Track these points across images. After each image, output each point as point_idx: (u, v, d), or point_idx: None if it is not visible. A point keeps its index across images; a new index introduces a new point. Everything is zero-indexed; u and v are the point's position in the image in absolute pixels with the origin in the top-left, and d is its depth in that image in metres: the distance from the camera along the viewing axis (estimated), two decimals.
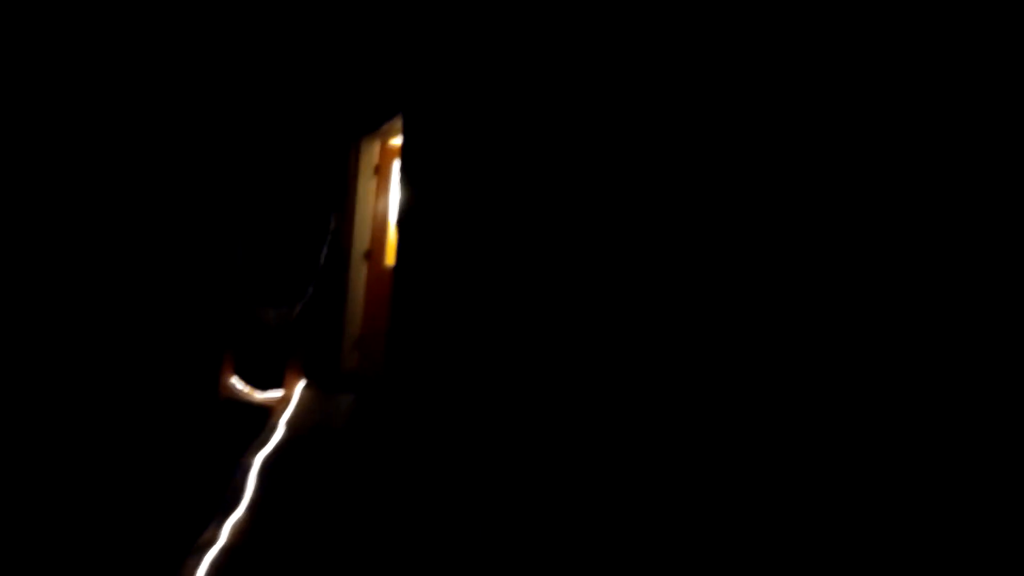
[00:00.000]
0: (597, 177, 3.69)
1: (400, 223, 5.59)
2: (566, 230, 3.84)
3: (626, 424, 3.31)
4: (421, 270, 5.27)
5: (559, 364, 3.72)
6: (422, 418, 4.66)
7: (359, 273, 6.93)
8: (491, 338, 4.31)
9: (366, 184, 6.94)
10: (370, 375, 6.49)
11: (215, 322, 5.35)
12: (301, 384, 5.70)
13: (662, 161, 3.35)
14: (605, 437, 3.37)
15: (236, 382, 5.82)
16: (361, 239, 6.92)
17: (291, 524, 4.21)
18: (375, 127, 6.85)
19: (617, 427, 3.34)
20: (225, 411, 5.59)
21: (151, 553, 3.85)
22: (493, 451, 3.91)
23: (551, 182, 4.00)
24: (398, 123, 6.34)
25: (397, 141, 6.96)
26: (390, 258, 6.96)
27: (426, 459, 4.34)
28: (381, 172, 7.03)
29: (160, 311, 5.09)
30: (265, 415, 5.40)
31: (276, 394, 5.69)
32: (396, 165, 7.01)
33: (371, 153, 6.99)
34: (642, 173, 3.45)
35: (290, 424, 5.18)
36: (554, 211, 3.95)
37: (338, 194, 6.32)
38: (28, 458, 4.22)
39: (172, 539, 4.07)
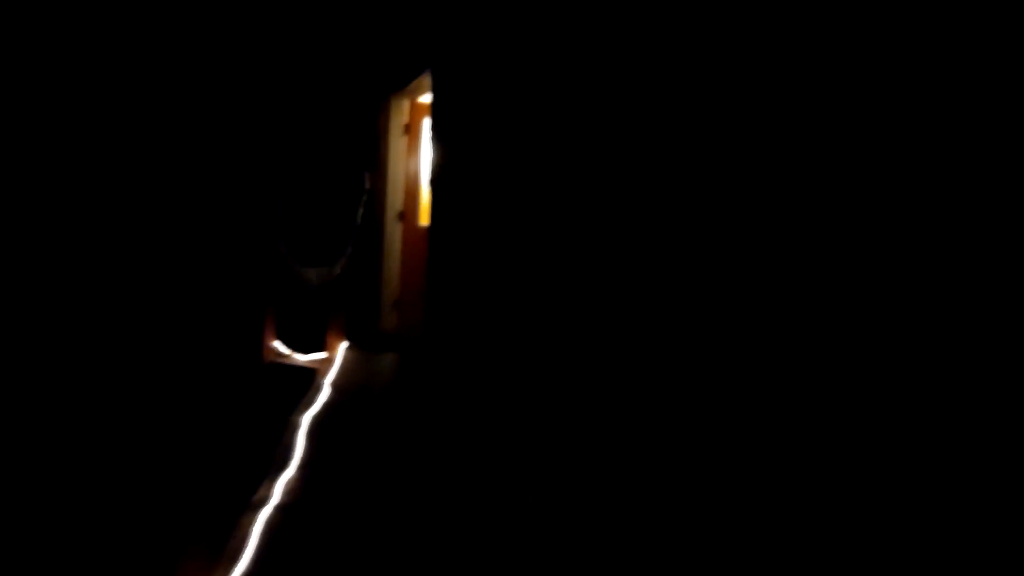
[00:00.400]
0: (637, 132, 3.60)
1: (433, 183, 5.52)
2: (604, 184, 3.76)
3: (658, 390, 3.27)
4: (456, 230, 5.21)
5: (600, 319, 3.67)
6: (463, 378, 4.64)
7: (394, 234, 6.89)
8: (528, 297, 4.26)
9: (397, 143, 6.87)
10: (409, 335, 6.48)
11: (257, 285, 5.35)
12: (343, 345, 5.70)
13: (708, 116, 3.25)
14: (648, 402, 3.33)
15: (279, 345, 5.83)
16: (394, 200, 6.88)
17: (341, 483, 4.22)
18: (403, 84, 6.76)
19: (655, 393, 3.29)
20: (270, 374, 5.61)
21: (208, 511, 3.88)
22: (534, 411, 3.88)
23: (586, 137, 3.92)
24: (427, 80, 6.26)
25: (426, 98, 6.88)
26: (424, 218, 6.91)
27: (469, 418, 4.32)
28: (411, 131, 6.96)
29: (203, 276, 5.08)
30: (309, 377, 5.41)
31: (319, 356, 5.70)
32: (426, 123, 6.94)
33: (401, 111, 6.92)
34: (682, 128, 3.36)
35: (335, 385, 5.19)
36: (591, 166, 3.87)
37: (370, 153, 6.27)
38: (88, 423, 4.26)
39: (227, 497, 4.10)
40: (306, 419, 4.73)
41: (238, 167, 4.78)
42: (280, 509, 4.02)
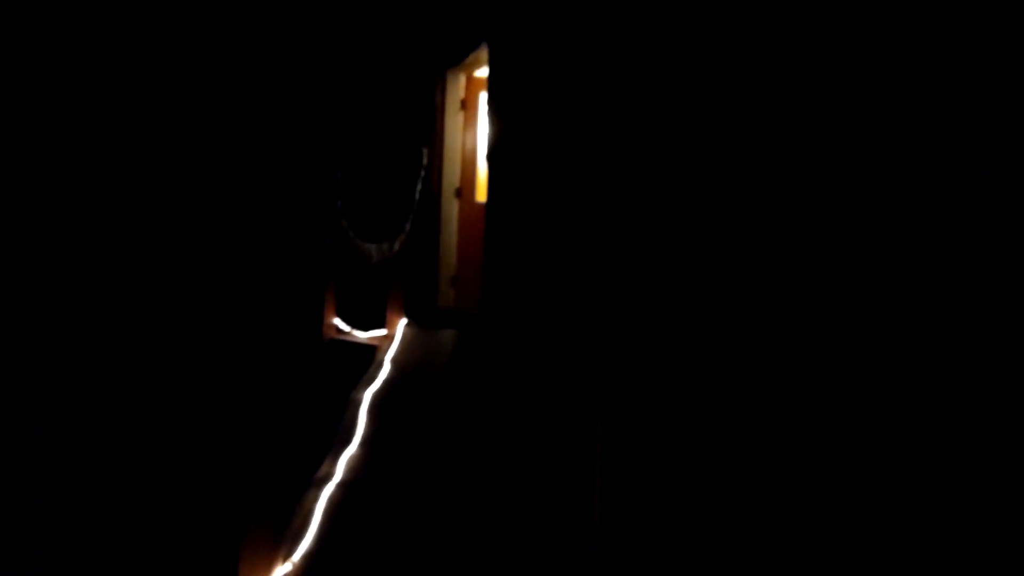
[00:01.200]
0: (698, 106, 3.46)
1: (490, 158, 5.42)
2: (666, 155, 3.62)
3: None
4: (513, 207, 5.11)
5: (664, 290, 3.53)
6: (521, 357, 4.55)
7: (451, 210, 6.81)
8: (587, 278, 4.15)
9: (453, 119, 6.77)
10: (467, 312, 6.41)
11: (317, 262, 5.30)
12: (403, 322, 5.65)
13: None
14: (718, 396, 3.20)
15: (339, 322, 5.80)
16: (451, 176, 6.79)
17: (403, 461, 4.17)
18: (460, 59, 6.65)
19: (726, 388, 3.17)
20: (331, 352, 5.59)
21: (271, 489, 3.86)
22: (594, 393, 3.76)
23: (649, 107, 3.77)
24: (483, 53, 6.14)
25: (483, 72, 6.77)
26: (481, 195, 6.82)
27: (527, 398, 4.23)
28: (468, 106, 6.85)
29: (265, 252, 5.05)
30: (370, 354, 5.37)
31: (379, 333, 5.65)
32: (483, 98, 6.83)
33: (457, 86, 6.81)
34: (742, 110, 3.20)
35: (395, 362, 5.14)
36: (656, 138, 3.73)
37: (427, 129, 6.18)
38: (155, 402, 4.27)
39: (290, 475, 4.08)
40: (367, 396, 4.69)
41: (300, 142, 4.71)
42: (343, 486, 3.98)
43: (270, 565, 3.40)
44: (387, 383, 4.87)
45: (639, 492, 3.42)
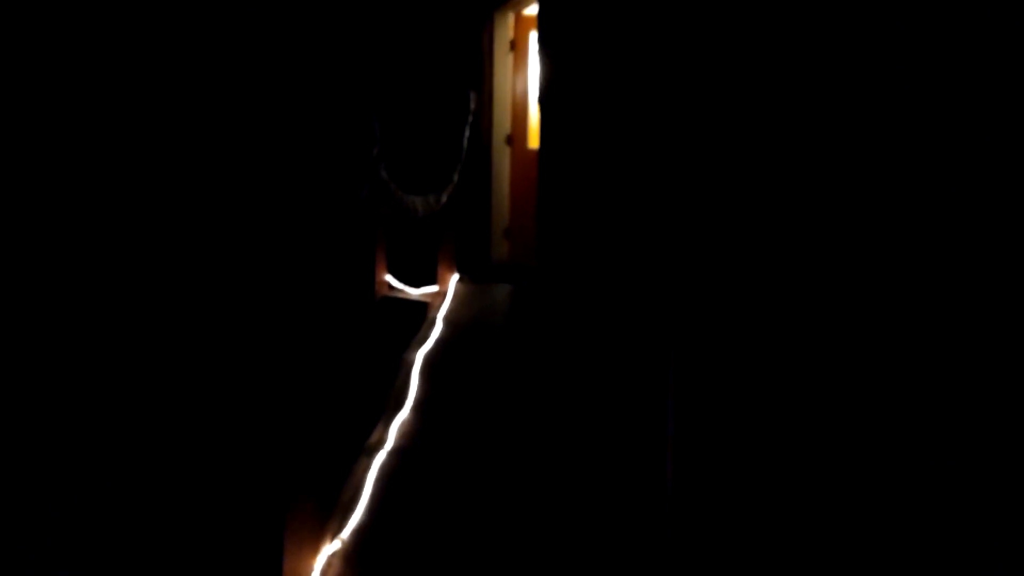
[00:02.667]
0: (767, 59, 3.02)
1: (542, 102, 4.99)
2: (735, 97, 3.18)
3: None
4: (569, 153, 4.71)
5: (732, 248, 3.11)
6: (579, 313, 4.18)
7: (502, 158, 6.42)
8: (653, 224, 3.74)
9: (502, 61, 6.34)
10: (522, 264, 6.06)
11: (367, 216, 4.94)
12: (455, 278, 5.31)
13: None
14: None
15: (390, 279, 5.48)
16: (501, 122, 6.38)
17: (458, 425, 3.85)
18: None
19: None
20: (382, 309, 5.28)
21: (320, 457, 3.58)
22: (661, 346, 3.37)
23: (714, 44, 3.32)
24: None
25: (532, 10, 6.31)
26: (533, 141, 6.42)
27: (590, 354, 3.86)
28: (517, 47, 6.40)
29: (314, 208, 4.69)
30: (421, 311, 5.04)
31: (431, 289, 5.32)
32: (533, 38, 6.39)
33: (505, 27, 6.37)
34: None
35: (447, 320, 4.81)
36: (720, 71, 3.29)
37: (474, 73, 5.74)
38: (205, 362, 3.99)
39: (340, 441, 3.80)
40: (419, 356, 4.37)
41: (330, 85, 4.32)
42: (395, 454, 3.68)
43: (318, 543, 3.13)
44: (440, 342, 4.54)
45: (715, 455, 3.05)
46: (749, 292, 3.04)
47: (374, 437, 3.79)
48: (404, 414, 3.94)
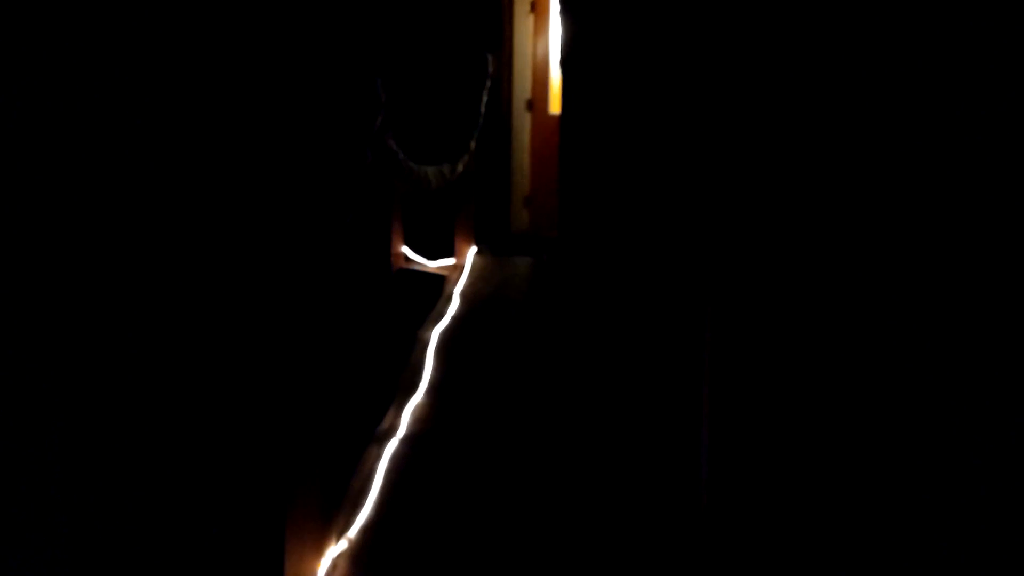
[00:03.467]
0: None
1: (564, 64, 4.59)
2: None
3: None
4: (593, 118, 4.33)
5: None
6: (607, 285, 3.82)
7: (522, 124, 6.04)
8: (686, 192, 3.39)
9: (522, 23, 5.93)
10: (543, 235, 5.70)
11: (383, 184, 4.55)
12: (472, 250, 4.95)
13: None
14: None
15: (407, 251, 5.14)
16: (521, 86, 5.99)
17: (473, 411, 3.53)
18: None
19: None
20: (398, 283, 4.95)
21: (326, 446, 3.26)
22: (696, 321, 3.01)
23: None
24: None
25: None
26: (555, 106, 6.03)
27: (617, 330, 3.51)
28: (538, 8, 5.98)
29: (329, 176, 4.30)
30: (438, 285, 4.71)
31: (448, 262, 4.98)
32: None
33: None
34: None
35: (465, 295, 4.46)
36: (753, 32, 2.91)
37: (492, 35, 5.32)
38: (209, 341, 3.65)
39: (350, 427, 3.48)
40: (435, 335, 4.04)
41: (341, 49, 3.90)
42: (408, 441, 3.36)
43: (322, 543, 2.82)
44: (456, 319, 4.20)
45: (754, 437, 2.71)
46: (796, 264, 2.69)
47: (386, 423, 3.47)
48: (418, 397, 3.61)
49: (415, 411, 3.52)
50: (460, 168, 4.48)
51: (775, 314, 2.71)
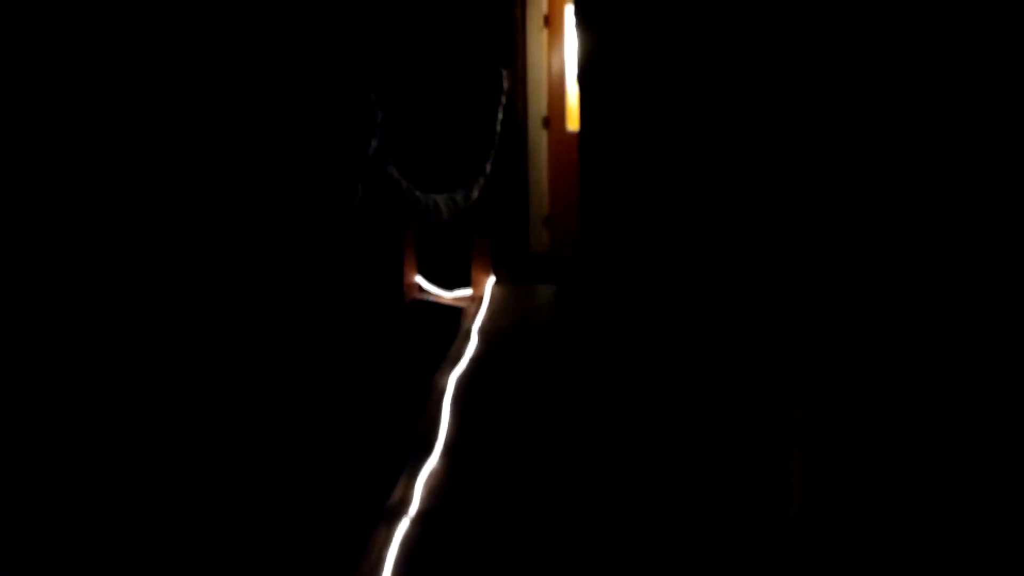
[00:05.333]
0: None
1: (582, 80, 3.90)
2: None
3: None
4: (614, 135, 3.65)
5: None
6: (646, 315, 3.10)
7: (539, 142, 5.32)
8: (709, 213, 2.72)
9: (536, 38, 5.20)
10: (565, 256, 4.99)
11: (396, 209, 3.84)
12: (491, 280, 4.23)
13: None
14: None
15: (421, 280, 4.44)
16: (537, 103, 5.26)
17: (497, 479, 2.81)
18: None
19: None
20: (411, 315, 4.25)
21: (334, 517, 2.57)
22: (775, 353, 2.34)
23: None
24: None
25: None
26: (572, 123, 5.31)
27: (665, 371, 2.79)
28: (552, 22, 5.25)
29: (338, 201, 3.60)
30: (455, 319, 4.00)
31: (465, 293, 4.27)
32: (568, 13, 5.24)
33: (538, 1, 5.22)
34: None
35: (484, 331, 3.75)
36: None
37: (505, 51, 4.60)
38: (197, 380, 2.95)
39: (357, 495, 2.79)
40: (451, 381, 3.33)
41: (334, 66, 3.19)
42: (422, 519, 2.65)
43: None
44: (475, 362, 3.49)
45: (861, 490, 2.03)
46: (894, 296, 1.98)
47: (396, 494, 2.76)
48: (433, 462, 2.90)
49: (430, 479, 2.81)
50: (475, 194, 3.75)
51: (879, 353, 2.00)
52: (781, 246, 2.40)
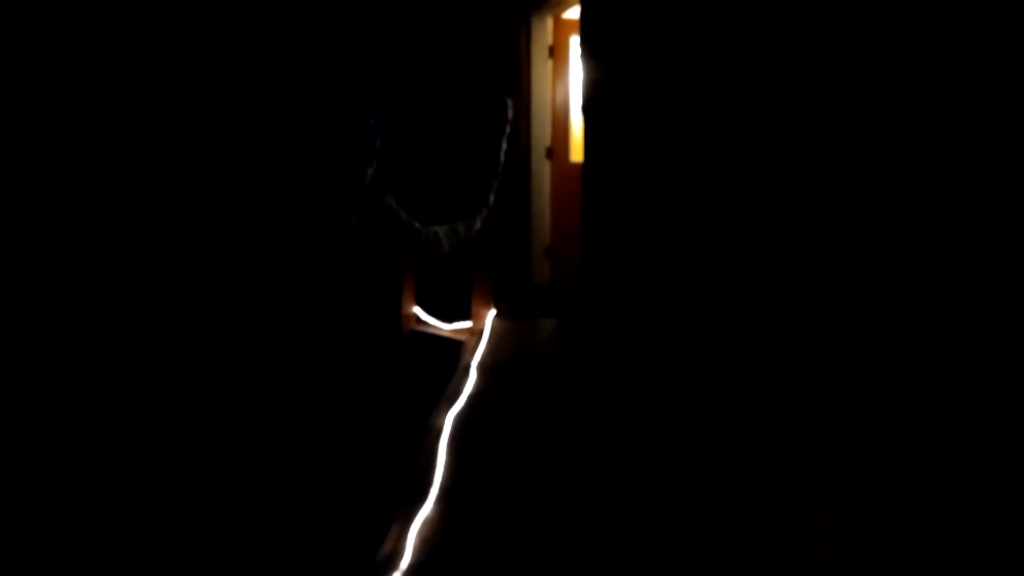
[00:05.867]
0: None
1: (587, 111, 3.74)
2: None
3: None
4: (618, 165, 3.51)
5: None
6: (641, 353, 2.91)
7: (542, 173, 5.14)
8: (715, 244, 2.60)
9: (540, 68, 5.04)
10: (566, 288, 4.78)
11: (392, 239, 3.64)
12: (491, 314, 4.02)
13: None
14: None
15: (419, 311, 4.23)
16: (540, 133, 5.09)
17: (495, 527, 2.58)
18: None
19: None
20: (409, 348, 4.03)
21: (320, 572, 2.33)
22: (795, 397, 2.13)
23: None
24: None
25: (573, 14, 5.01)
26: (576, 154, 5.14)
27: (657, 418, 2.58)
28: (557, 53, 5.10)
29: (334, 227, 3.39)
30: (453, 353, 3.79)
31: (464, 325, 4.06)
32: (574, 43, 5.09)
33: (543, 31, 5.07)
34: None
35: (483, 367, 3.54)
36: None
37: (509, 81, 4.43)
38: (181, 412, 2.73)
39: (346, 546, 2.56)
40: (448, 421, 3.11)
41: (335, 94, 3.02)
42: (412, 572, 2.41)
43: None
44: (474, 400, 3.27)
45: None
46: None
47: (387, 545, 2.53)
48: (428, 508, 2.67)
49: (423, 528, 2.58)
50: (478, 225, 3.56)
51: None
52: (801, 286, 2.21)
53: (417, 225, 2.94)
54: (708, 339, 2.56)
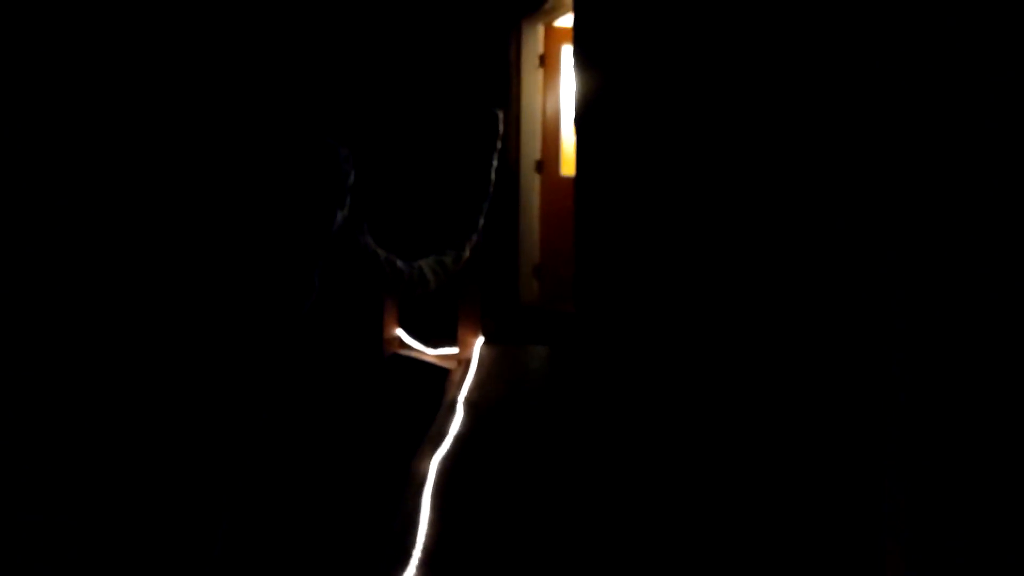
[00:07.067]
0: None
1: (579, 123, 3.35)
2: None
3: None
4: (611, 180, 3.13)
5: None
6: (642, 384, 2.52)
7: (531, 187, 4.75)
8: (713, 260, 2.27)
9: (530, 78, 4.64)
10: (556, 308, 4.38)
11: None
12: (479, 341, 3.59)
13: None
14: None
15: (402, 334, 3.81)
16: (530, 146, 4.69)
17: None
18: (536, 6, 4.51)
19: None
20: (390, 374, 3.61)
21: None
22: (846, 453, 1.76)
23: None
24: None
25: (565, 22, 4.61)
26: (567, 167, 4.74)
27: (659, 455, 2.19)
28: (548, 63, 4.70)
29: (312, 243, 2.93)
30: (438, 382, 3.36)
31: (451, 351, 3.63)
32: (566, 52, 4.69)
33: (534, 40, 4.67)
34: None
35: (470, 404, 3.11)
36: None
37: (498, 92, 4.02)
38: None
39: None
40: (433, 467, 2.68)
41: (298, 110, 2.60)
42: None
43: None
44: (460, 442, 2.84)
45: None
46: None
47: None
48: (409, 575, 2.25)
49: None
50: (467, 253, 3.12)
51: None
52: (817, 297, 1.83)
53: (399, 264, 2.47)
54: (721, 367, 2.17)
